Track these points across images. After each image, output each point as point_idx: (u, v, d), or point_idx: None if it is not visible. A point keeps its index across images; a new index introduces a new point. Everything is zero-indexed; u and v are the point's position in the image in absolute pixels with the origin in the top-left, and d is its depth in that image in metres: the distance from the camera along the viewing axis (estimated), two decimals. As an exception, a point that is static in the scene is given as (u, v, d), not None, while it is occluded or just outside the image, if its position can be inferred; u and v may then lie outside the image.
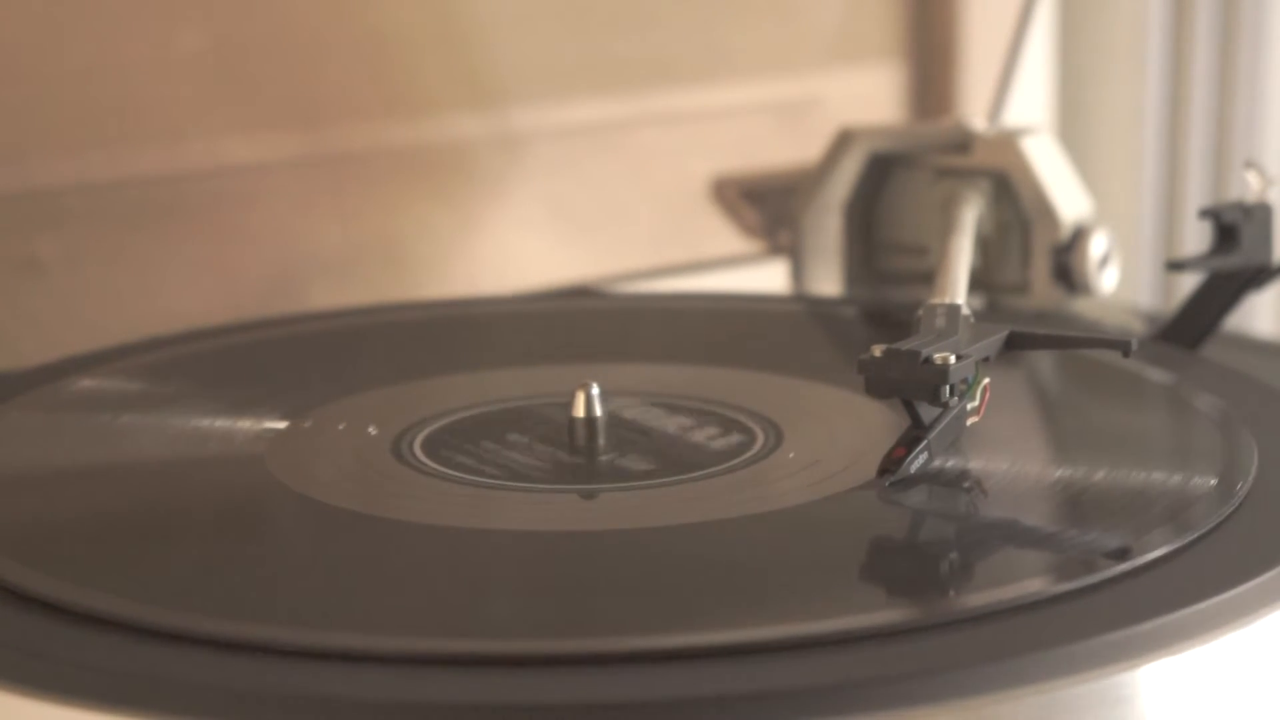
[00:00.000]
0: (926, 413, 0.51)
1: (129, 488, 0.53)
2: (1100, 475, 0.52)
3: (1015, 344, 0.55)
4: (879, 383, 0.51)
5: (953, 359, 0.51)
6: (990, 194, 0.74)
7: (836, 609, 0.43)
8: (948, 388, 0.50)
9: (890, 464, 0.51)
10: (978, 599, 0.43)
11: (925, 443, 0.51)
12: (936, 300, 0.58)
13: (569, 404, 0.56)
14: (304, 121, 0.84)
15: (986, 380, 0.54)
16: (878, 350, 0.51)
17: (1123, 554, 0.45)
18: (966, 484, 0.52)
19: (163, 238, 0.81)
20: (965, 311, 0.56)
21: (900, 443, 0.51)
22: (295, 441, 0.57)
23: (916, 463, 0.51)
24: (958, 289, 0.61)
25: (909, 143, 0.78)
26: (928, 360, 0.50)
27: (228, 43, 0.81)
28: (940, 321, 0.55)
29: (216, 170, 0.82)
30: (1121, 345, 0.53)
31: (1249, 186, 0.66)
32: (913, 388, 0.51)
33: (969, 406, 0.53)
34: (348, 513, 0.51)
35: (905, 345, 0.51)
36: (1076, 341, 0.58)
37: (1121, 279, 0.76)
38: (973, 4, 1.01)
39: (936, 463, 0.52)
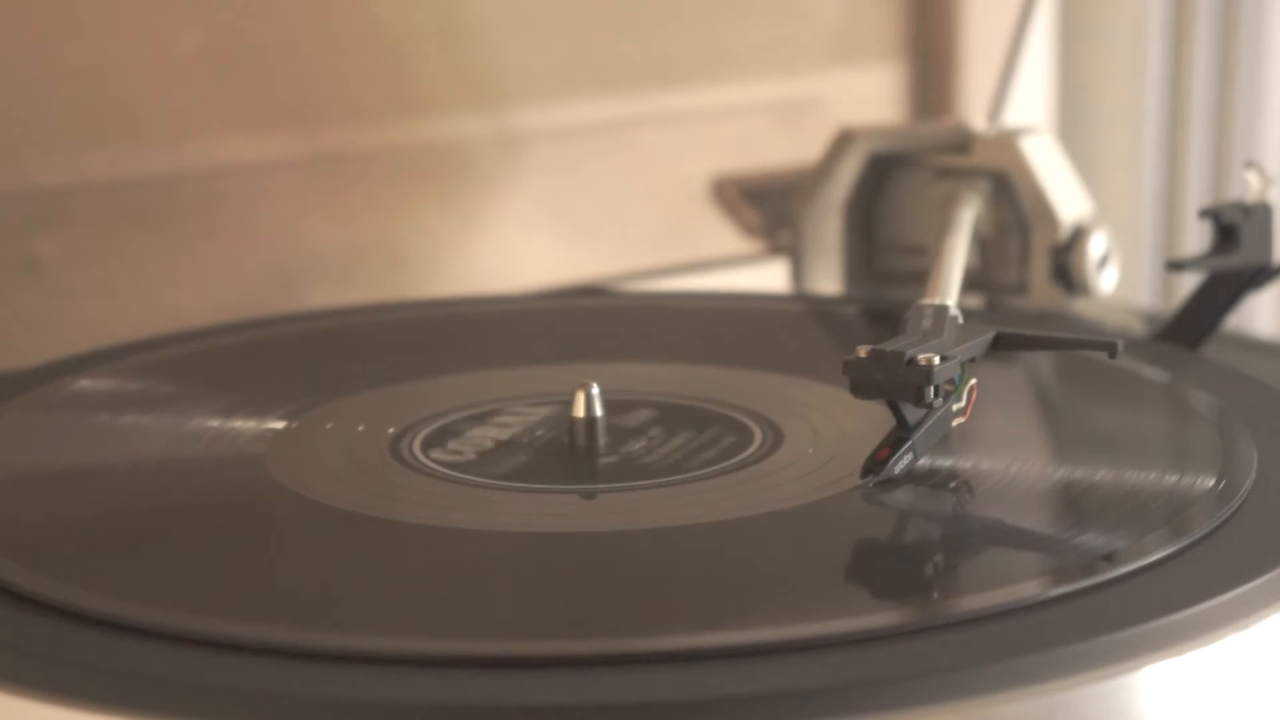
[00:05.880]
0: (912, 413, 0.51)
1: (129, 488, 0.53)
2: (1100, 476, 0.52)
3: (1002, 345, 0.55)
4: (863, 383, 0.51)
5: (937, 360, 0.51)
6: (990, 194, 0.74)
7: (836, 610, 0.43)
8: (932, 389, 0.50)
9: (874, 464, 0.51)
10: (977, 600, 0.43)
11: (909, 444, 0.51)
12: (926, 300, 0.58)
13: (569, 404, 0.56)
14: (304, 121, 0.84)
15: (974, 381, 0.54)
16: (863, 351, 0.51)
17: (1122, 555, 0.45)
18: (966, 486, 0.52)
19: (163, 238, 0.81)
20: (953, 312, 0.56)
21: (885, 443, 0.51)
22: (295, 441, 0.57)
23: (901, 463, 0.51)
24: (949, 289, 0.61)
25: (909, 143, 0.78)
26: (912, 361, 0.50)
27: (228, 43, 0.81)
28: (927, 322, 0.55)
29: (217, 170, 0.82)
30: (1108, 346, 0.52)
31: (1249, 186, 0.66)
32: (897, 388, 0.51)
33: (955, 407, 0.53)
34: (347, 513, 0.51)
35: (890, 346, 0.51)
36: (1063, 343, 0.58)
37: (1121, 279, 0.76)
38: (973, 4, 1.02)
39: (938, 463, 0.52)
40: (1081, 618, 0.42)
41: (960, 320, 0.56)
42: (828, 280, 0.79)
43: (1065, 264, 0.73)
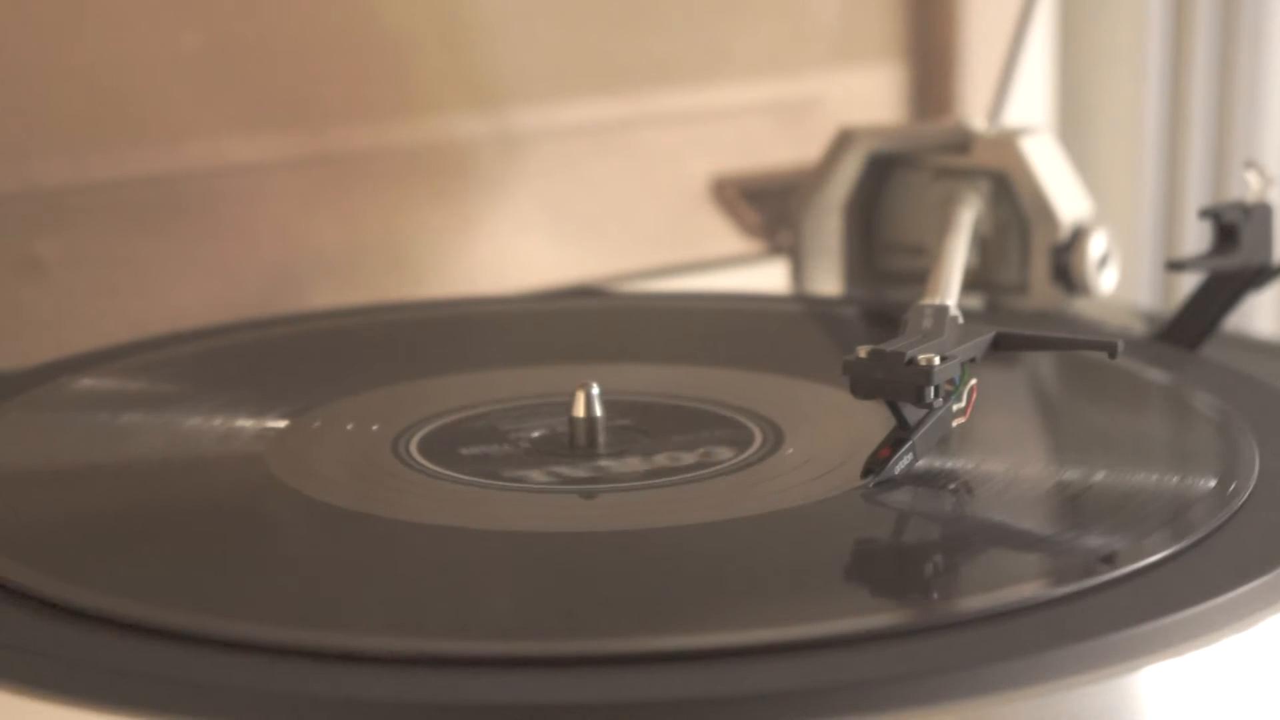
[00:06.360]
0: (912, 414, 0.51)
1: (129, 487, 0.53)
2: (1100, 476, 0.52)
3: (1002, 345, 0.55)
4: (863, 383, 0.51)
5: (937, 360, 0.51)
6: (989, 194, 0.74)
7: (836, 610, 0.43)
8: (932, 389, 0.50)
9: (875, 464, 0.51)
10: (977, 601, 0.43)
11: (910, 444, 0.51)
12: (926, 300, 0.58)
13: (569, 404, 0.56)
14: (305, 121, 0.84)
15: (974, 381, 0.54)
16: (863, 351, 0.51)
17: (1122, 556, 0.45)
18: (966, 486, 0.52)
19: (163, 238, 0.81)
20: (953, 312, 0.56)
21: (885, 443, 0.51)
22: (295, 441, 0.57)
23: (901, 464, 0.51)
24: (950, 289, 0.61)
25: (909, 143, 0.78)
26: (912, 361, 0.50)
27: (228, 43, 0.81)
28: (927, 322, 0.55)
29: (217, 170, 0.82)
30: (1107, 346, 0.52)
31: (1249, 186, 0.66)
32: (897, 388, 0.51)
33: (955, 407, 0.53)
34: (348, 513, 0.51)
35: (890, 346, 0.51)
36: (1063, 343, 0.58)
37: (1121, 279, 0.76)
38: (973, 4, 1.02)
39: (938, 464, 0.52)
40: (1081, 618, 0.42)
41: (960, 320, 0.56)
42: (828, 280, 0.79)
43: (1065, 264, 0.73)
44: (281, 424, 0.58)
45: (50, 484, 0.54)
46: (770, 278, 0.90)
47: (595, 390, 0.56)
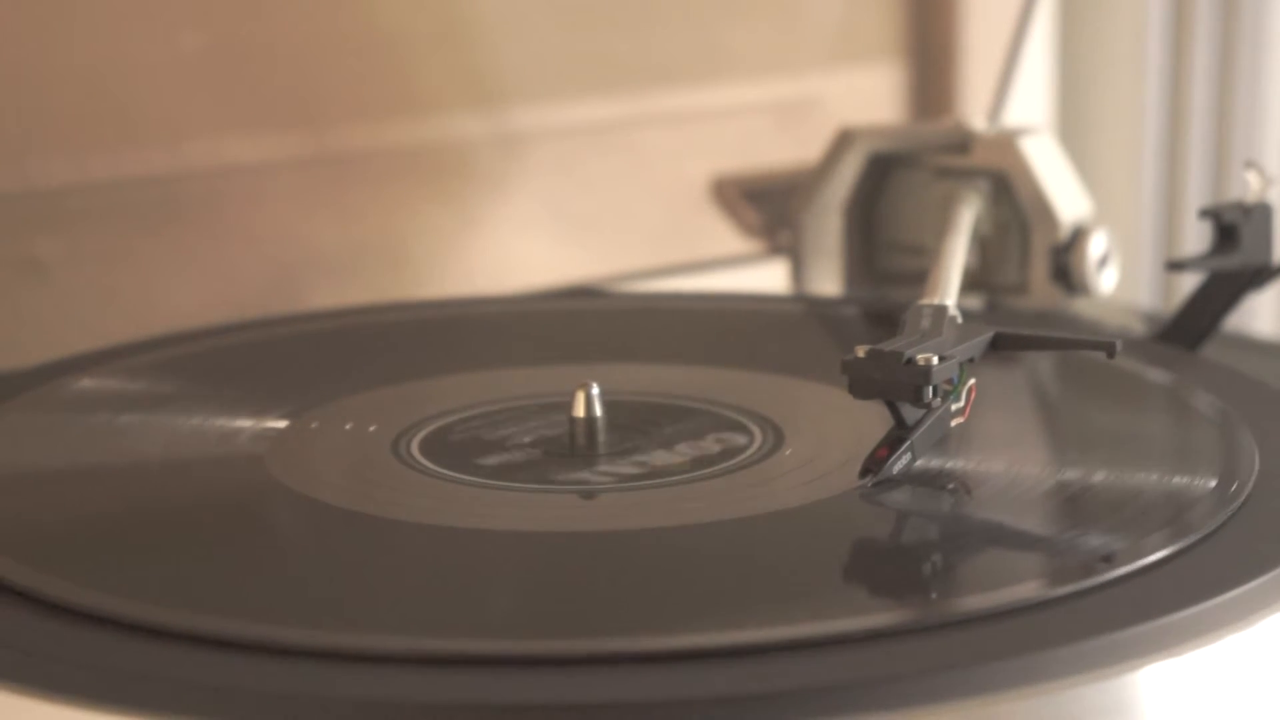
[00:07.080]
0: (910, 413, 0.51)
1: (129, 488, 0.53)
2: (1100, 476, 0.52)
3: (1001, 345, 0.55)
4: (862, 383, 0.51)
5: (935, 360, 0.51)
6: (989, 194, 0.74)
7: (836, 610, 0.43)
8: (930, 389, 0.50)
9: (873, 464, 0.51)
10: (977, 600, 0.43)
11: (908, 444, 0.51)
12: (925, 300, 0.58)
13: (569, 404, 0.56)
14: (305, 121, 0.84)
15: (972, 381, 0.54)
16: (861, 351, 0.51)
17: (1122, 555, 0.45)
18: (966, 486, 0.52)
19: (163, 238, 0.81)
20: (952, 312, 0.56)
21: (883, 443, 0.51)
22: (295, 441, 0.57)
23: (899, 464, 0.51)
24: (949, 289, 0.61)
25: (909, 143, 0.78)
26: (910, 361, 0.50)
27: (229, 43, 0.81)
28: (926, 322, 0.55)
29: (217, 170, 0.82)
30: (1106, 346, 0.52)
31: (1249, 186, 0.66)
32: (895, 388, 0.51)
33: (954, 407, 0.53)
34: (348, 513, 0.51)
35: (888, 346, 0.51)
36: (1062, 343, 0.58)
37: (1121, 279, 0.76)
38: (973, 4, 1.02)
39: (937, 464, 0.52)
40: (1081, 618, 0.42)
41: (959, 320, 0.56)
42: (828, 280, 0.79)
43: (1065, 264, 0.73)
44: (281, 424, 0.58)
45: (50, 484, 0.54)
46: (770, 278, 0.90)
47: (595, 390, 0.56)
